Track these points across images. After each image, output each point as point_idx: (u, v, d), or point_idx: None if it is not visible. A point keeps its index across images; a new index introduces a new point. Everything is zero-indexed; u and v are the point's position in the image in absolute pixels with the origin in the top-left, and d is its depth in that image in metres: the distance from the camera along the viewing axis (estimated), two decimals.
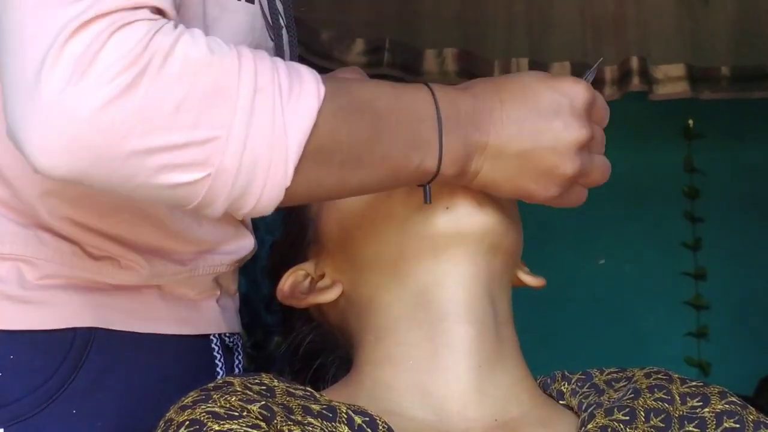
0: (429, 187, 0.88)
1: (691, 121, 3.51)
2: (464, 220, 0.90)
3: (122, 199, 0.84)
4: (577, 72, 3.15)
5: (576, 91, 0.88)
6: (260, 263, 1.14)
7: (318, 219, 0.99)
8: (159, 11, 0.77)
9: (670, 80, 3.15)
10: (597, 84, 3.13)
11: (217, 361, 1.05)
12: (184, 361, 1.01)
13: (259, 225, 1.09)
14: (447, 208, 0.90)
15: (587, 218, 3.48)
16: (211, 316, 1.04)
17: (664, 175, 3.51)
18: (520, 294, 1.00)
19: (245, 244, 1.05)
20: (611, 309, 3.44)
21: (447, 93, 0.86)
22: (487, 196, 0.91)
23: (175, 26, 0.76)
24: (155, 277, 0.97)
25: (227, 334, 1.07)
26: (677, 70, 3.14)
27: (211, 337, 1.05)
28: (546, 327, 2.94)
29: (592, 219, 3.49)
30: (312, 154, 0.79)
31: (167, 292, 0.99)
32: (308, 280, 0.99)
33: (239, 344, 1.10)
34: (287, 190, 0.79)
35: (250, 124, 0.76)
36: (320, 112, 0.79)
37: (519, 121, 0.87)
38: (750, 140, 3.54)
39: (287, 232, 1.06)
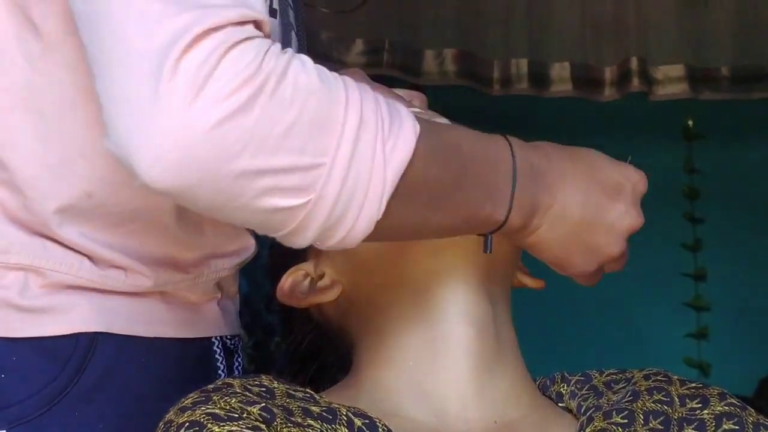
0: (491, 237, 0.88)
1: (691, 122, 3.51)
2: None
3: (220, 217, 0.83)
4: (578, 72, 3.14)
5: (638, 179, 0.91)
6: (261, 262, 1.14)
7: None
8: (258, 26, 0.77)
9: (670, 81, 3.14)
10: (597, 85, 3.13)
11: (218, 363, 1.05)
12: (186, 364, 1.01)
13: None
14: None
15: None
16: (212, 319, 1.04)
17: (664, 175, 3.50)
18: (519, 295, 1.00)
19: (247, 245, 1.05)
20: (611, 310, 3.44)
21: (522, 148, 0.87)
22: None
23: (282, 49, 0.77)
24: (160, 286, 0.97)
25: (228, 336, 1.07)
26: (677, 70, 3.14)
27: (213, 339, 1.05)
28: (546, 328, 2.94)
29: None
30: (403, 189, 0.80)
31: (170, 296, 0.99)
32: (308, 280, 0.99)
33: (239, 346, 1.10)
34: (377, 223, 0.80)
35: (354, 154, 0.77)
36: (415, 149, 0.80)
37: (587, 193, 0.88)
38: (750, 141, 3.54)
39: None
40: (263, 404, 0.83)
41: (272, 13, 0.94)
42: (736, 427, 0.90)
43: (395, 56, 3.03)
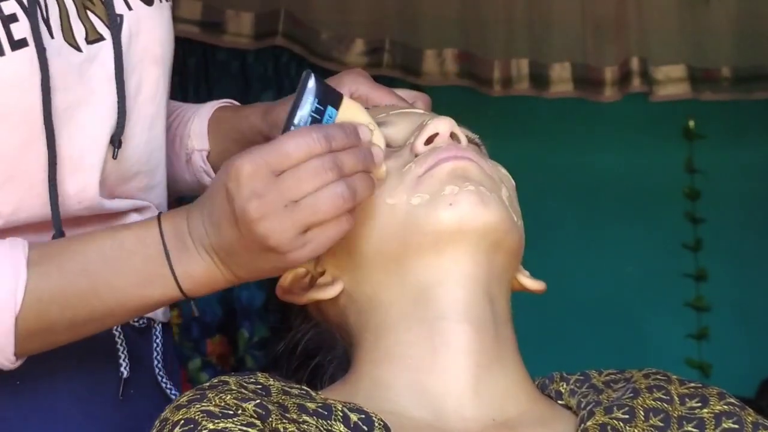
0: (193, 303, 0.96)
1: (691, 122, 3.51)
2: (467, 216, 0.90)
3: None
4: (578, 72, 3.14)
5: (232, 168, 0.87)
6: None
7: None
8: None
9: (671, 81, 3.15)
10: (597, 85, 3.13)
11: (116, 338, 1.06)
12: (82, 341, 1.01)
13: None
14: (450, 204, 0.90)
15: (588, 219, 3.49)
16: None
17: (665, 176, 3.51)
18: (520, 295, 1.00)
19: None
20: (612, 311, 3.44)
21: (173, 222, 0.92)
22: (488, 194, 0.91)
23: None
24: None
25: (134, 318, 1.08)
26: (678, 71, 3.15)
27: None
28: (546, 328, 2.94)
29: (593, 220, 3.49)
30: (28, 337, 0.91)
31: None
32: (308, 277, 0.99)
33: (157, 328, 1.12)
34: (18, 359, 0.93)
35: None
36: (23, 305, 0.90)
37: (221, 233, 0.89)
38: (751, 141, 3.54)
39: None
40: (258, 401, 0.83)
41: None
42: (736, 426, 0.89)
43: (395, 56, 3.03)
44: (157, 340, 1.12)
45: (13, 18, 0.94)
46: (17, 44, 0.94)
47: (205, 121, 1.19)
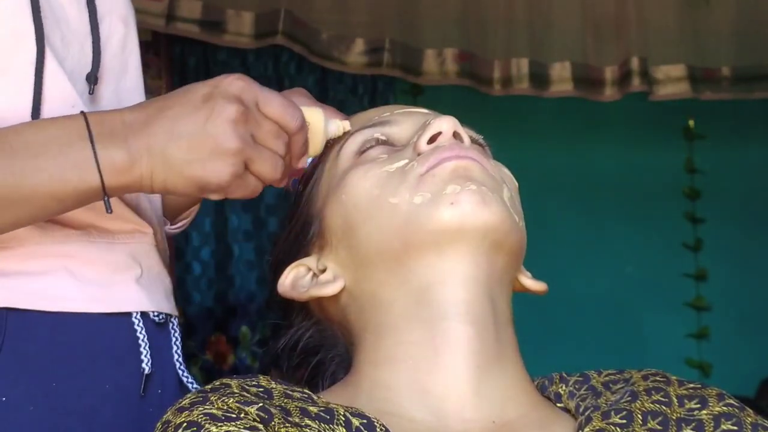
0: (107, 199, 0.94)
1: (691, 122, 3.51)
2: (468, 215, 0.90)
3: None
4: (578, 72, 3.14)
5: (227, 80, 0.93)
6: (266, 258, 1.14)
7: (323, 214, 0.99)
8: None
9: (671, 81, 3.14)
10: (597, 85, 3.14)
11: (138, 334, 1.06)
12: (107, 339, 1.02)
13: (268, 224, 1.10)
14: (452, 203, 0.90)
15: (588, 219, 3.49)
16: (128, 296, 1.05)
17: (665, 175, 3.51)
18: (520, 294, 1.00)
19: (140, 229, 1.08)
20: (612, 310, 3.44)
21: (101, 114, 0.93)
22: (490, 194, 0.91)
23: None
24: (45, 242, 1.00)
25: (155, 313, 1.08)
26: (678, 70, 3.14)
27: (133, 314, 1.05)
28: (547, 328, 2.94)
29: (593, 220, 3.49)
30: None
31: (76, 272, 1.01)
32: (310, 274, 0.99)
33: (174, 322, 1.11)
34: None
35: None
36: None
37: (175, 117, 0.92)
38: (751, 140, 3.54)
39: (291, 228, 1.06)
40: (261, 404, 0.83)
41: None
42: (735, 428, 0.89)
43: (395, 56, 3.03)
44: (175, 334, 1.11)
45: None
46: None
47: None
